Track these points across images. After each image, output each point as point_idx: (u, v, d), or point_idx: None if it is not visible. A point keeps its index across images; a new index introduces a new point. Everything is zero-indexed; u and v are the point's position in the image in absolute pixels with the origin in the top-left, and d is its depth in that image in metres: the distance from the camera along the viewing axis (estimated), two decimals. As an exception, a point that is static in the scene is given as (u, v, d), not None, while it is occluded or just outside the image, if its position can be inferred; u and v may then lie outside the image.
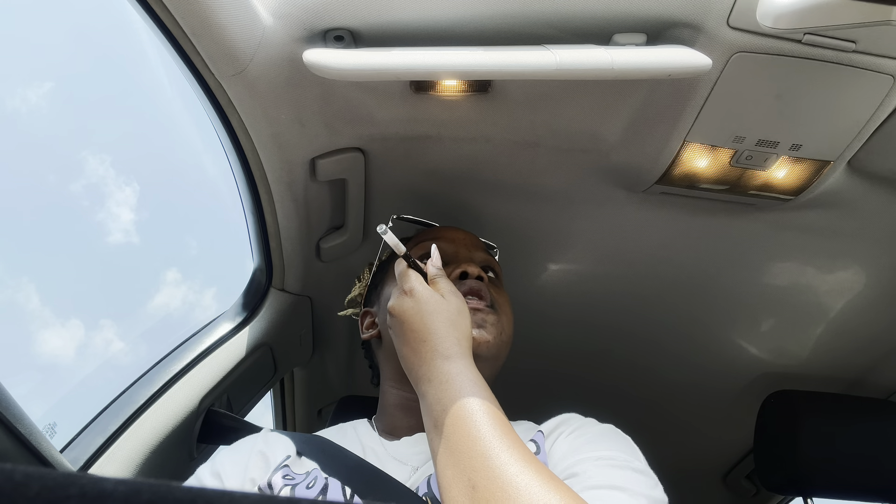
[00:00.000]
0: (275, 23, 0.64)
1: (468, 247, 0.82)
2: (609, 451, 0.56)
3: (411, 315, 0.59)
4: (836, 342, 1.22)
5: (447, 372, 0.54)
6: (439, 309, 0.59)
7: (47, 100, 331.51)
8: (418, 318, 0.59)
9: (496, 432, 0.48)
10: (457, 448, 0.48)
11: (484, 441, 0.47)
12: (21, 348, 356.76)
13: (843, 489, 1.04)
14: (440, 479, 0.48)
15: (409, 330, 0.59)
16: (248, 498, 0.19)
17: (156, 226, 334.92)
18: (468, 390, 0.52)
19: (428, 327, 0.58)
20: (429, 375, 0.55)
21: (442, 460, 0.49)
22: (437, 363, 0.55)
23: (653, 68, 0.61)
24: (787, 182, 0.84)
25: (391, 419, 0.72)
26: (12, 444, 0.53)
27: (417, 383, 0.57)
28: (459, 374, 0.54)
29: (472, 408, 0.50)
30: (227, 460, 0.63)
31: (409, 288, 0.61)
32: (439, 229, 0.87)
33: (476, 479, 0.45)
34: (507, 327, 0.74)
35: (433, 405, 0.53)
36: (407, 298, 0.61)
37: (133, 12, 0.59)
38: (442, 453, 0.49)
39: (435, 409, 0.52)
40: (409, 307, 0.60)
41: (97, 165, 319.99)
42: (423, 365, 0.56)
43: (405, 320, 0.60)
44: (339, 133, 0.81)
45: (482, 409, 0.50)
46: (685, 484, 1.57)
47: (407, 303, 0.60)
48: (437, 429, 0.51)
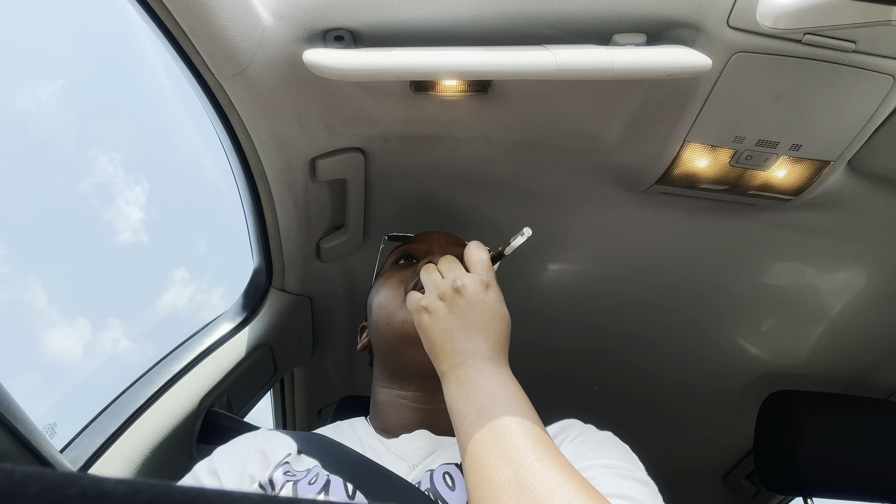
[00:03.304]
0: (275, 23, 0.64)
1: (442, 244, 0.82)
2: (614, 459, 0.56)
3: (484, 307, 0.60)
4: (836, 342, 1.22)
5: (501, 374, 0.56)
6: (506, 318, 0.61)
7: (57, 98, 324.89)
8: (488, 314, 0.59)
9: (546, 442, 0.49)
10: (507, 442, 0.48)
11: (536, 445, 0.48)
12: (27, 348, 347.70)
13: (843, 489, 1.04)
14: (479, 466, 0.48)
15: (474, 318, 0.59)
16: (248, 498, 0.19)
17: (165, 225, 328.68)
18: (520, 399, 0.53)
19: (494, 327, 0.59)
20: (480, 367, 0.56)
21: (486, 449, 0.49)
22: (493, 363, 0.57)
23: (653, 68, 0.61)
24: (787, 182, 0.84)
25: (384, 417, 0.73)
26: (12, 444, 0.53)
27: (458, 368, 0.57)
28: (513, 381, 0.56)
29: (523, 414, 0.51)
30: (224, 457, 0.63)
31: (489, 282, 0.61)
32: (417, 236, 0.87)
33: (524, 478, 0.45)
34: None
35: (481, 395, 0.54)
36: (483, 289, 0.61)
37: (133, 12, 0.59)
38: (486, 442, 0.49)
39: (483, 399, 0.53)
40: (484, 299, 0.60)
41: (106, 164, 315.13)
42: (477, 357, 0.57)
43: (475, 306, 0.60)
44: (339, 133, 0.81)
45: (532, 418, 0.51)
46: (685, 484, 1.57)
47: (483, 294, 0.60)
48: (480, 416, 0.52)
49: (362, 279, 1.13)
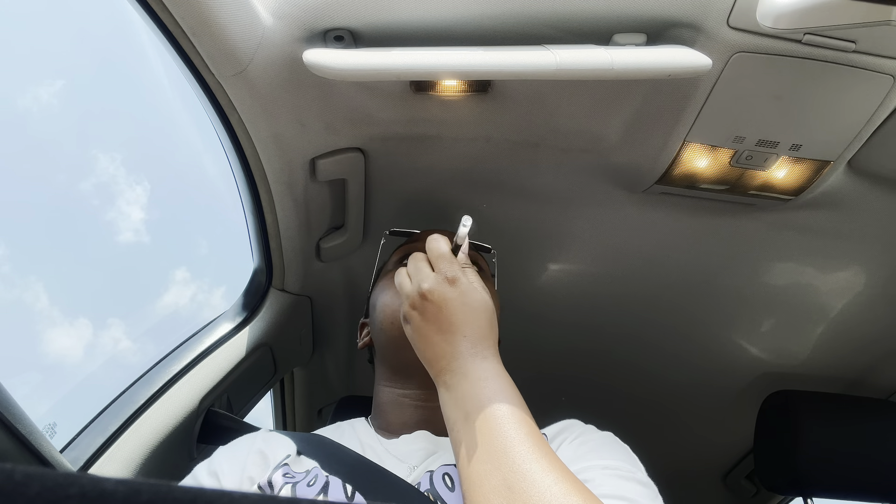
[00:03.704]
0: (275, 23, 0.64)
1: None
2: (615, 460, 0.56)
3: (453, 305, 0.56)
4: (836, 342, 1.22)
5: (485, 370, 0.54)
6: (482, 306, 0.57)
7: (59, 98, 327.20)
8: (460, 310, 0.56)
9: (534, 440, 0.48)
10: (494, 446, 0.48)
11: (524, 445, 0.47)
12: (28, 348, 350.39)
13: (843, 489, 1.04)
14: (470, 471, 0.48)
15: (445, 319, 0.56)
16: (247, 498, 0.19)
17: (166, 225, 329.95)
18: (507, 393, 0.52)
19: (469, 321, 0.56)
20: (464, 370, 0.54)
21: (474, 454, 0.48)
22: (475, 360, 0.54)
23: (653, 68, 0.61)
24: (787, 182, 0.84)
25: (386, 417, 0.73)
26: (12, 444, 0.53)
27: (443, 373, 0.56)
28: (498, 375, 0.54)
29: (510, 411, 0.50)
30: (224, 459, 0.63)
31: (453, 276, 0.57)
32: (421, 233, 0.85)
33: (512, 481, 0.45)
34: None
35: (466, 399, 0.52)
36: (448, 286, 0.57)
37: (133, 12, 0.59)
38: (474, 447, 0.49)
39: (468, 403, 0.52)
40: (451, 296, 0.56)
41: (107, 164, 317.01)
42: (458, 359, 0.55)
43: (443, 307, 0.56)
44: (339, 133, 0.81)
45: (520, 415, 0.50)
46: (685, 484, 1.57)
47: (449, 291, 0.57)
48: (468, 422, 0.51)
49: (362, 279, 1.13)
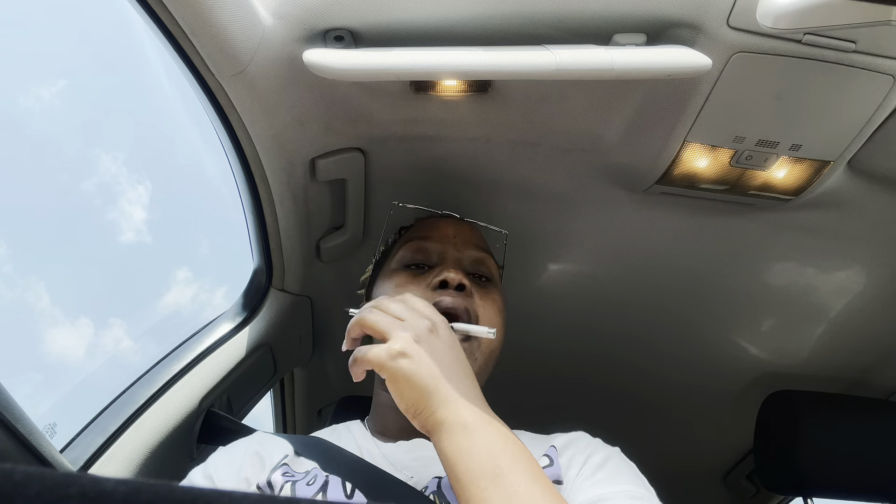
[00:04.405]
0: (275, 23, 0.64)
1: (458, 246, 0.77)
2: (630, 485, 0.56)
3: (411, 374, 0.51)
4: (836, 342, 1.22)
5: (467, 418, 0.50)
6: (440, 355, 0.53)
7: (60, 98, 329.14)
8: (418, 375, 0.51)
9: (544, 481, 0.47)
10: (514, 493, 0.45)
11: (538, 488, 0.46)
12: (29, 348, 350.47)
13: (843, 489, 1.04)
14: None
15: (410, 388, 0.51)
16: (247, 498, 0.19)
17: (168, 225, 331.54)
18: (494, 437, 0.49)
19: (435, 378, 0.51)
20: (449, 421, 0.50)
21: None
22: (455, 409, 0.51)
23: (653, 68, 0.61)
24: (787, 182, 0.84)
25: (383, 419, 0.72)
26: (12, 444, 0.53)
27: (430, 432, 0.52)
28: (480, 419, 0.51)
29: (511, 457, 0.48)
30: (220, 462, 0.63)
31: (400, 350, 0.52)
32: (430, 225, 0.82)
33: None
34: (488, 344, 0.69)
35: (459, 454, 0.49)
36: (401, 360, 0.52)
37: (133, 12, 0.59)
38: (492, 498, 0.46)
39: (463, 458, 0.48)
40: (407, 369, 0.51)
41: (110, 163, 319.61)
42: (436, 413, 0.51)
43: (407, 378, 0.51)
44: (339, 133, 0.81)
45: (525, 457, 0.49)
46: (685, 484, 1.57)
47: (403, 364, 0.51)
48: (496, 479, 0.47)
49: (362, 279, 1.13)
